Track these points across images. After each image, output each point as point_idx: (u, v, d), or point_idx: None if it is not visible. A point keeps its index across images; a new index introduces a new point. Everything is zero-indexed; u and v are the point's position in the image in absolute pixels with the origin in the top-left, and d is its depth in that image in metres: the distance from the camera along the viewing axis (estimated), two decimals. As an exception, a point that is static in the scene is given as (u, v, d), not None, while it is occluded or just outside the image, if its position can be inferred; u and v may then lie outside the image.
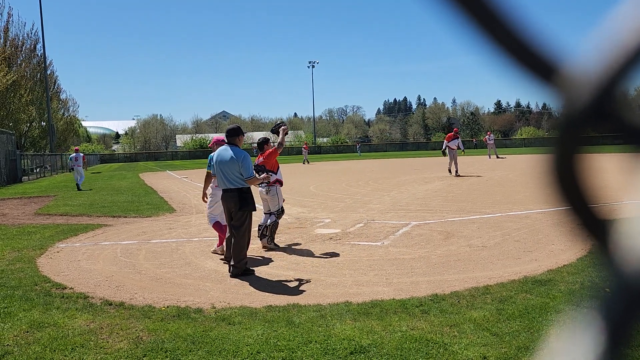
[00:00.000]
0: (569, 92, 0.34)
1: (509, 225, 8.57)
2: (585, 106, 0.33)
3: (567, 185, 0.34)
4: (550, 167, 0.34)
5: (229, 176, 6.11)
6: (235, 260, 5.98)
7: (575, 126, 0.33)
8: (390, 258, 6.60)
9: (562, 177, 0.34)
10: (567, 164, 0.34)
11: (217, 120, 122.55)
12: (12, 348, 3.89)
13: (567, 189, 0.34)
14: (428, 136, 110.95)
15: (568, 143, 0.34)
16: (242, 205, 6.07)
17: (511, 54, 0.34)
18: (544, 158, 0.34)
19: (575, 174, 0.34)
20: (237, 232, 6.06)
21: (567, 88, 0.34)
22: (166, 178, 27.13)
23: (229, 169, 6.11)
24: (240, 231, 6.06)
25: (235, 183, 6.11)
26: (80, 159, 21.09)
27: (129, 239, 8.60)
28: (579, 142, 0.34)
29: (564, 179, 0.34)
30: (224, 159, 6.16)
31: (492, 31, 0.34)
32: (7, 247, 8.03)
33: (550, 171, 0.34)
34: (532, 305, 4.43)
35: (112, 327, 4.31)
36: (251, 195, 6.23)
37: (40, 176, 33.74)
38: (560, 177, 0.34)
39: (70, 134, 60.28)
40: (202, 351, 3.73)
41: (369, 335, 3.93)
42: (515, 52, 0.34)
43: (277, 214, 7.52)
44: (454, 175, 19.78)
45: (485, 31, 0.34)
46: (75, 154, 21.33)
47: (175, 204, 13.59)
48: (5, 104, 36.19)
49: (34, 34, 45.51)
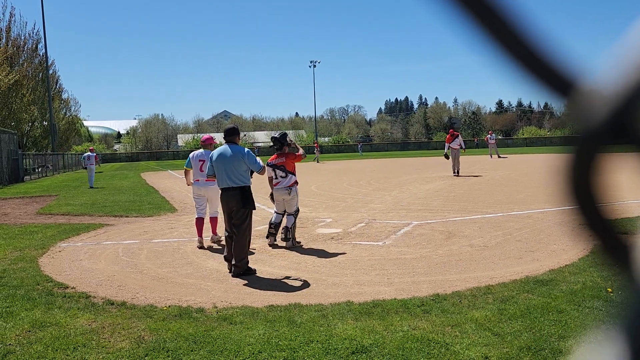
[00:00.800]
0: (587, 107, 0.34)
1: (511, 225, 8.56)
2: (603, 122, 0.33)
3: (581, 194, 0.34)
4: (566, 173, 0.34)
5: (232, 174, 6.09)
6: (237, 259, 5.95)
7: (592, 141, 0.33)
8: (391, 258, 6.60)
9: (578, 185, 0.34)
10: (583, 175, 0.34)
11: (219, 120, 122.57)
12: (14, 347, 3.90)
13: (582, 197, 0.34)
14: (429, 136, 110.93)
15: (585, 155, 0.34)
16: (245, 204, 6.06)
17: (530, 69, 0.34)
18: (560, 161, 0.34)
19: (591, 184, 0.34)
20: (238, 231, 6.02)
21: (585, 103, 0.34)
22: (168, 178, 27.15)
23: (233, 167, 6.09)
24: (241, 229, 6.03)
25: (237, 181, 6.09)
26: (93, 158, 22.12)
27: (131, 239, 8.61)
28: (596, 155, 0.34)
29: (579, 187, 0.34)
30: (225, 158, 6.13)
31: (510, 45, 0.34)
32: (9, 246, 8.05)
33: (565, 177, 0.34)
34: (533, 305, 4.43)
35: (114, 326, 4.31)
36: (252, 194, 6.25)
37: (42, 176, 33.80)
38: (575, 185, 0.34)
39: (72, 133, 60.37)
40: (204, 351, 3.74)
41: (371, 335, 3.93)
42: (533, 67, 0.34)
43: (295, 214, 7.60)
44: (455, 174, 19.77)
45: (504, 45, 0.34)
46: (89, 153, 22.46)
47: (176, 204, 13.60)
48: (7, 104, 36.25)
49: (35, 34, 45.66)
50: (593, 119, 0.33)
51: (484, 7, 0.34)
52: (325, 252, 7.11)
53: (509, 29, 0.34)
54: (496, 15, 0.34)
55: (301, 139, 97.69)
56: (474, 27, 0.34)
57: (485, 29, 0.34)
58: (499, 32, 0.34)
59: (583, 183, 0.34)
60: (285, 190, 7.47)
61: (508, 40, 0.34)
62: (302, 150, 7.76)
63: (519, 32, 0.34)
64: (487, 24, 0.34)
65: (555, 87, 0.34)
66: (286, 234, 7.48)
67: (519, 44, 0.34)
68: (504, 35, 0.34)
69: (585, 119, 0.33)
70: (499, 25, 0.34)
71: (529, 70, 0.34)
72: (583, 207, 0.34)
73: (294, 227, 7.56)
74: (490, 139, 35.29)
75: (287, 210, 7.58)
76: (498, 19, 0.34)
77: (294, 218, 7.55)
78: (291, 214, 7.56)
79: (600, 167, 0.34)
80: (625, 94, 0.32)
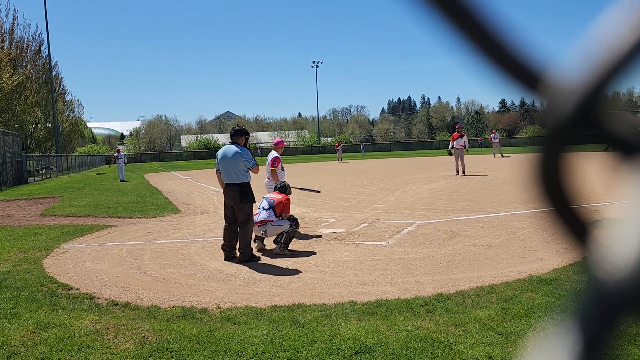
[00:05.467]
0: (553, 99, 0.34)
1: (514, 224, 8.54)
2: (569, 113, 0.33)
3: (550, 188, 0.35)
4: (534, 169, 0.35)
5: (231, 171, 6.70)
6: (242, 245, 6.63)
7: (559, 133, 0.34)
8: (394, 257, 6.59)
9: (546, 179, 0.35)
10: (551, 167, 0.34)
11: (222, 121, 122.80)
12: (19, 348, 3.91)
13: (550, 191, 0.35)
14: (432, 135, 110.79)
15: (552, 148, 0.34)
16: (243, 199, 6.65)
17: (496, 62, 0.35)
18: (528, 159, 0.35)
19: (559, 177, 0.34)
20: (241, 222, 6.68)
21: (551, 95, 0.34)
22: (171, 179, 27.20)
23: (232, 165, 6.69)
24: (244, 221, 6.69)
25: (236, 178, 6.68)
26: (122, 158, 26.93)
27: (134, 240, 8.62)
28: (563, 147, 0.34)
29: (548, 181, 0.34)
30: (226, 156, 6.77)
31: (475, 38, 0.34)
32: (14, 248, 8.07)
33: (534, 173, 0.35)
34: (537, 305, 4.42)
35: (118, 327, 4.32)
36: (250, 189, 6.81)
37: (45, 177, 33.88)
38: (544, 179, 0.35)
39: (76, 135, 60.55)
40: (208, 351, 3.74)
41: (374, 334, 3.92)
42: (499, 60, 0.35)
43: (292, 223, 7.14)
44: (460, 174, 19.74)
45: (469, 38, 0.34)
46: (117, 153, 27.59)
47: (180, 205, 13.62)
48: (11, 106, 36.36)
49: (39, 36, 45.53)
50: (559, 110, 0.34)
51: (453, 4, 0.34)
52: (328, 252, 7.11)
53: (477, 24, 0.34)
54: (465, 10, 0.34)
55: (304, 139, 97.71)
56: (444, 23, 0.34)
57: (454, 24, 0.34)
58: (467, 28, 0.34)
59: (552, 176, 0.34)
60: (259, 227, 7.06)
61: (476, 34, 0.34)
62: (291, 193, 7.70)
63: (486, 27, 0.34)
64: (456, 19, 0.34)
65: (522, 81, 0.35)
66: (279, 236, 7.13)
67: (487, 38, 0.35)
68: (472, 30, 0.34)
69: (551, 110, 0.34)
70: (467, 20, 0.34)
71: (497, 64, 0.35)
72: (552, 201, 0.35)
73: (290, 235, 7.11)
74: (494, 138, 35.26)
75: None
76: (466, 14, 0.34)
77: (290, 227, 7.10)
78: (286, 220, 7.19)
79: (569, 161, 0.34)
80: (590, 86, 0.33)
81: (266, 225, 7.04)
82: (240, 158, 6.65)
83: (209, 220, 10.59)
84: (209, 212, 11.95)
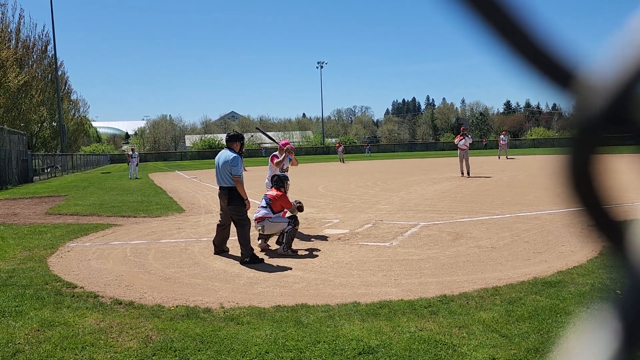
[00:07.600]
0: (585, 97, 0.34)
1: (518, 226, 8.51)
2: (601, 111, 0.33)
3: (582, 187, 0.35)
4: (565, 169, 0.35)
5: (223, 175, 7.01)
6: (240, 244, 6.76)
7: (591, 130, 0.34)
8: (398, 259, 6.58)
9: (577, 178, 0.35)
10: (583, 167, 0.34)
11: (226, 121, 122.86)
12: (23, 346, 3.93)
13: (582, 190, 0.35)
14: (437, 137, 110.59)
15: (584, 146, 0.34)
16: (230, 201, 6.94)
17: (528, 60, 0.35)
18: (559, 159, 0.35)
19: (590, 176, 0.34)
20: (237, 222, 6.92)
21: (583, 93, 0.34)
22: (175, 178, 27.26)
23: (223, 169, 7.00)
24: (239, 221, 6.91)
25: (227, 182, 6.98)
26: (136, 157, 28.57)
27: (139, 239, 8.65)
28: (595, 146, 0.34)
29: (579, 180, 0.35)
30: (219, 160, 7.10)
31: (508, 36, 0.35)
32: (19, 246, 8.11)
33: (565, 173, 0.35)
34: (541, 307, 4.40)
35: (122, 326, 4.34)
36: (238, 192, 7.02)
37: (51, 176, 34.02)
38: (575, 178, 0.35)
39: (81, 134, 60.84)
40: (211, 351, 3.75)
41: (378, 335, 3.92)
42: (532, 58, 0.35)
43: (292, 222, 7.15)
44: (465, 175, 19.70)
45: (502, 36, 0.35)
46: (131, 152, 29.27)
47: (184, 204, 13.66)
48: (17, 105, 36.56)
49: (45, 35, 45.82)
50: (591, 108, 0.34)
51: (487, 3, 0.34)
52: (332, 252, 7.11)
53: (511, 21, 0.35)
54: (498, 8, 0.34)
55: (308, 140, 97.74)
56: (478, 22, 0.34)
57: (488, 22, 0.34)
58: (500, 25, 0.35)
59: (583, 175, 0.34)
60: (258, 223, 7.17)
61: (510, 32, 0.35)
62: (293, 206, 7.51)
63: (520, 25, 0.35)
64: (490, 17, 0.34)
65: (555, 78, 0.35)
66: (280, 237, 7.16)
67: (521, 36, 0.35)
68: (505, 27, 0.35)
69: (584, 108, 0.34)
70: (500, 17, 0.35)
71: (530, 61, 0.35)
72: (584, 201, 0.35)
73: (291, 234, 7.10)
74: (502, 140, 35.20)
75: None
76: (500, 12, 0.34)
77: (289, 226, 7.11)
78: (285, 218, 7.21)
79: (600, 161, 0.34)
80: (623, 84, 0.33)
81: (264, 222, 7.23)
82: (229, 165, 6.97)
83: (213, 220, 10.59)
84: (213, 211, 11.96)
